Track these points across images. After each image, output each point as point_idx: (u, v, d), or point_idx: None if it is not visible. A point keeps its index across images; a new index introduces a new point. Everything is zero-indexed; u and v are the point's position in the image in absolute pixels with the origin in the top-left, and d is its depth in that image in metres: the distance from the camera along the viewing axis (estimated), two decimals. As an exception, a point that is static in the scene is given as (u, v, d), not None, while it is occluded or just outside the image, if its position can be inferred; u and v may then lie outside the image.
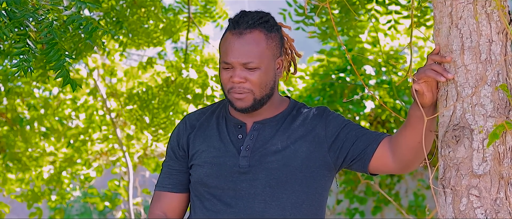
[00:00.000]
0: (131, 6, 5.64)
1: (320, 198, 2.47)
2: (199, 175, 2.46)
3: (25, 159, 7.32)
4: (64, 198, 8.08)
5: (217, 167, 2.44)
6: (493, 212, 2.12)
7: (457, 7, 2.17)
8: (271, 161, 2.41)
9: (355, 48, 7.24)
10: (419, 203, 8.05)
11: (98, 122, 7.73)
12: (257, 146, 2.43)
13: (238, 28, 2.41)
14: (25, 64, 2.24)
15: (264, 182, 2.40)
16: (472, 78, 2.15)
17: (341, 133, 2.44)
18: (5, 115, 6.80)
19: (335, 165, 2.45)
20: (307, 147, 2.43)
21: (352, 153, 2.42)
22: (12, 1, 2.24)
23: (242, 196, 2.41)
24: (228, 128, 2.49)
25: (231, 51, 2.40)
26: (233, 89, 2.40)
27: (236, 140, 2.46)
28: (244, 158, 2.42)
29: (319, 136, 2.44)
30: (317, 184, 2.44)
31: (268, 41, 2.42)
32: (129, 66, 7.96)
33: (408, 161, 2.38)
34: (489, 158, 2.13)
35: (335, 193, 8.72)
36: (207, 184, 2.44)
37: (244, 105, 2.41)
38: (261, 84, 2.40)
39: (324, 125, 2.46)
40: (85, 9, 2.32)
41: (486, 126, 2.13)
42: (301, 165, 2.41)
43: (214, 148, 2.46)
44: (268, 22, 2.44)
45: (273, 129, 2.46)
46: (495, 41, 2.14)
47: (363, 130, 2.45)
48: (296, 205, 2.42)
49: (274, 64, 2.44)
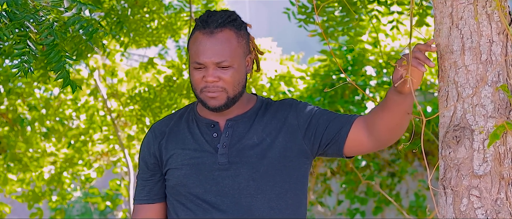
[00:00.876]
0: (132, 6, 5.64)
1: (302, 185, 2.49)
2: (178, 177, 2.45)
3: (26, 159, 7.33)
4: (65, 199, 8.08)
5: (196, 167, 2.43)
6: (494, 212, 2.12)
7: (457, 8, 2.17)
8: (250, 155, 2.42)
9: (356, 49, 7.24)
10: (420, 203, 8.04)
11: (98, 122, 7.73)
12: (234, 142, 2.43)
13: (208, 27, 2.40)
14: (26, 65, 2.24)
15: (247, 176, 2.41)
16: (472, 78, 2.15)
17: (313, 119, 2.45)
18: (6, 116, 6.80)
19: (312, 151, 2.47)
20: (283, 138, 2.44)
21: (326, 137, 2.43)
22: (13, 2, 2.24)
23: (227, 193, 2.41)
24: (200, 129, 2.48)
25: (202, 51, 2.39)
26: (206, 88, 2.40)
27: (211, 139, 2.45)
28: (222, 155, 2.42)
29: (292, 126, 2.45)
30: (297, 173, 2.46)
31: (238, 39, 2.43)
32: (130, 67, 7.96)
33: (385, 140, 2.41)
34: (489, 158, 2.13)
35: (335, 194, 8.72)
36: (187, 185, 2.44)
37: (218, 104, 2.41)
38: (234, 83, 2.41)
39: (295, 114, 2.47)
40: (86, 10, 2.32)
41: (487, 127, 2.13)
42: (279, 156, 2.42)
43: (190, 150, 2.46)
44: (236, 20, 2.44)
45: (246, 124, 2.46)
46: (496, 41, 2.14)
47: (334, 114, 2.47)
48: (281, 195, 2.43)
49: (244, 62, 2.46)
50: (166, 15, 6.46)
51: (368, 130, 2.41)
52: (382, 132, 2.39)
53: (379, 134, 2.39)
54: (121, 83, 7.65)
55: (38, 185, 7.76)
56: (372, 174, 7.89)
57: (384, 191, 7.77)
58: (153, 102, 6.88)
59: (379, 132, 2.39)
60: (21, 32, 2.28)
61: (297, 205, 2.48)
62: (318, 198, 8.49)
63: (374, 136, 2.40)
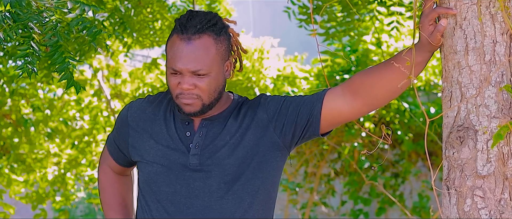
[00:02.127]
0: (135, 7, 5.64)
1: (274, 179, 2.47)
2: (149, 174, 2.46)
3: (30, 160, 7.33)
4: (69, 199, 8.08)
5: (167, 166, 2.43)
6: (498, 212, 2.12)
7: (461, 8, 2.17)
8: (222, 157, 2.40)
9: (359, 49, 7.24)
10: (424, 204, 8.03)
11: (102, 123, 7.73)
12: (207, 143, 2.42)
13: (186, 33, 2.35)
14: (29, 66, 2.25)
15: (219, 179, 2.40)
16: (476, 79, 2.15)
17: (282, 108, 2.43)
18: (10, 116, 6.80)
19: (285, 142, 2.44)
20: (252, 134, 2.42)
21: (300, 122, 2.41)
22: (17, 3, 2.25)
23: (197, 195, 2.40)
24: (175, 124, 2.47)
25: (179, 57, 2.35)
26: (181, 95, 2.38)
27: (184, 137, 2.44)
28: (194, 156, 2.41)
29: (262, 120, 2.44)
30: (270, 167, 2.45)
31: (217, 46, 2.39)
32: (133, 67, 7.96)
33: (379, 102, 2.36)
34: (493, 159, 2.12)
35: (339, 194, 8.72)
36: (157, 183, 2.44)
37: (193, 110, 2.39)
38: (210, 90, 2.38)
39: (264, 108, 2.45)
40: (89, 11, 2.32)
41: (490, 127, 2.13)
42: (250, 153, 2.41)
43: (163, 145, 2.45)
44: (216, 25, 2.40)
45: (221, 125, 2.45)
46: (499, 42, 2.14)
47: (303, 97, 2.45)
48: (252, 193, 2.42)
49: (223, 68, 2.43)
50: (169, 16, 6.46)
51: (351, 95, 2.36)
52: (379, 95, 2.34)
53: (373, 97, 2.35)
54: (125, 83, 7.65)
55: (42, 186, 7.76)
56: (375, 175, 7.89)
57: (387, 192, 7.77)
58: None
59: (374, 95, 2.34)
60: (24, 33, 2.28)
61: (267, 199, 2.46)
62: (321, 198, 8.49)
63: (363, 99, 2.35)
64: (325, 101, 2.39)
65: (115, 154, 2.62)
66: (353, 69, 7.21)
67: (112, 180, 2.68)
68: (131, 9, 5.57)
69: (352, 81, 2.38)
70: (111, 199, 2.67)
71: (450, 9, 2.17)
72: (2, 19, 2.22)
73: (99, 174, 2.69)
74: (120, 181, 2.69)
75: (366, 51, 7.16)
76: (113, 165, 2.66)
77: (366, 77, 2.36)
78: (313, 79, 7.54)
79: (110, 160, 2.65)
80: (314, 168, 8.27)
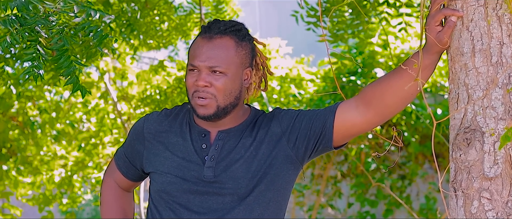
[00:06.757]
0: (142, 9, 5.65)
1: (285, 192, 2.48)
2: (162, 184, 2.45)
3: (37, 162, 7.35)
4: (76, 202, 8.10)
5: (181, 177, 2.43)
6: (505, 214, 2.12)
7: (468, 10, 2.17)
8: (236, 171, 2.40)
9: (366, 51, 7.23)
10: (431, 206, 8.03)
11: (109, 125, 7.74)
12: (222, 156, 2.42)
13: (209, 33, 2.40)
14: (36, 70, 2.25)
15: (232, 191, 2.40)
16: (483, 80, 2.15)
17: (296, 122, 2.44)
18: (17, 119, 6.81)
19: (298, 156, 2.45)
20: (267, 148, 2.42)
21: (314, 135, 2.42)
22: (24, 7, 2.25)
23: (210, 207, 2.41)
24: (192, 136, 2.47)
25: (198, 54, 2.38)
26: (196, 93, 2.38)
27: (200, 150, 2.44)
28: (208, 169, 2.41)
29: (276, 134, 2.44)
30: (282, 180, 2.45)
31: (237, 48, 2.41)
32: (140, 69, 7.97)
33: (392, 111, 2.35)
34: (500, 160, 2.12)
35: (346, 196, 8.71)
36: (170, 193, 2.43)
37: (207, 113, 2.39)
38: (225, 91, 2.39)
39: (278, 122, 2.45)
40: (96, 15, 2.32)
41: (497, 129, 2.12)
42: (264, 167, 2.41)
43: (178, 157, 2.45)
44: (240, 31, 2.43)
45: (237, 138, 2.44)
46: (506, 43, 2.14)
47: (316, 111, 2.45)
48: (263, 204, 2.42)
49: (241, 73, 2.43)
50: (176, 17, 6.47)
51: (364, 106, 2.36)
52: (390, 103, 2.34)
53: (385, 105, 2.35)
54: (132, 85, 7.66)
55: (48, 188, 7.78)
56: (382, 177, 7.88)
57: (394, 194, 7.76)
58: (163, 104, 6.89)
59: (385, 103, 2.34)
60: (31, 37, 2.28)
61: (278, 211, 2.47)
62: (328, 200, 8.49)
63: (375, 109, 2.35)
64: (338, 113, 2.40)
65: (124, 168, 2.62)
66: (359, 71, 7.21)
67: (117, 195, 2.66)
68: (138, 11, 5.58)
69: (364, 92, 2.39)
70: (114, 214, 2.65)
71: (457, 11, 2.17)
72: (9, 23, 2.23)
73: (104, 187, 2.68)
74: (125, 196, 2.68)
75: (372, 53, 7.15)
76: (120, 180, 2.65)
77: (376, 86, 2.36)
78: (320, 81, 7.54)
79: (117, 174, 2.64)
80: (321, 170, 8.27)
